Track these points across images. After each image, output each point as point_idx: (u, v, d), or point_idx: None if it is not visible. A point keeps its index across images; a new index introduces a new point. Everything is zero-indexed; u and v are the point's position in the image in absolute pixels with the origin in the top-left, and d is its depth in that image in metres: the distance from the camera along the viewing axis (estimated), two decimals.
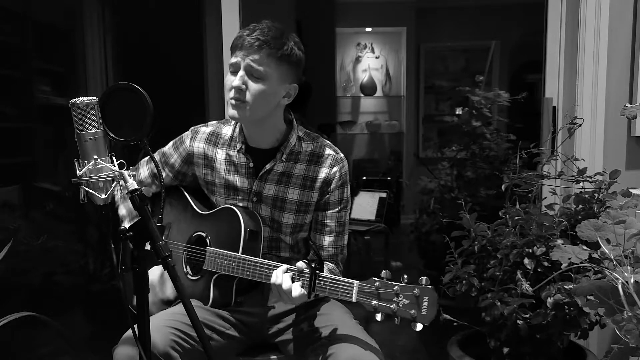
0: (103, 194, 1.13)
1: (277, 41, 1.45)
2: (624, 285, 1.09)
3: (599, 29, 2.07)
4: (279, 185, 1.58)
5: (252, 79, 1.46)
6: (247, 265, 1.47)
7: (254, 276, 1.46)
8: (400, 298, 1.30)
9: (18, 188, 3.09)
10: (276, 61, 1.45)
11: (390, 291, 1.31)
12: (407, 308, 1.29)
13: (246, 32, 1.46)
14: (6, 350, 2.57)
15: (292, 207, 1.58)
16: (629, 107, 1.58)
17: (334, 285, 1.36)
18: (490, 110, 3.19)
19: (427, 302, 1.29)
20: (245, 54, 1.45)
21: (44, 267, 2.99)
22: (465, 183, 3.31)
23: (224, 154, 1.62)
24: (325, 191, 1.59)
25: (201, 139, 1.64)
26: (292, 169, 1.58)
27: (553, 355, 1.72)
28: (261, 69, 1.45)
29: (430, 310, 1.29)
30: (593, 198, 1.72)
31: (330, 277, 1.37)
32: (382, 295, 1.31)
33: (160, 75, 3.11)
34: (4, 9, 3.06)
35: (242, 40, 1.45)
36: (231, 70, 1.49)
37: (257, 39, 1.43)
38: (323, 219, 1.61)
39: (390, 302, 1.30)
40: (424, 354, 2.94)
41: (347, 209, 1.64)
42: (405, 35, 5.66)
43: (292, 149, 1.58)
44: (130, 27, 3.56)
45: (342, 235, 1.65)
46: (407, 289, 1.30)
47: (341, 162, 1.60)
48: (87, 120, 1.13)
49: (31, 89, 3.34)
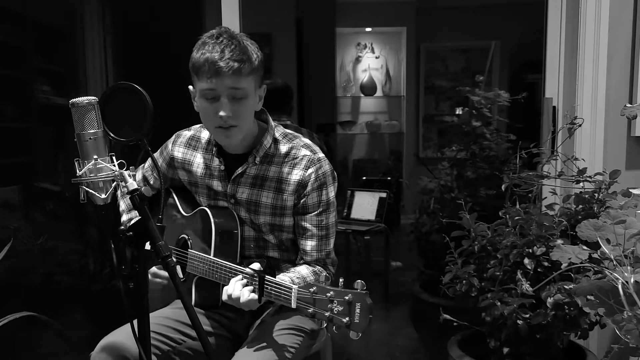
0: (103, 194, 1.13)
1: (246, 54, 1.39)
2: (624, 285, 1.09)
3: (599, 29, 2.07)
4: (253, 189, 1.54)
5: (235, 102, 1.41)
6: (216, 268, 1.45)
7: (221, 280, 1.43)
8: (335, 304, 1.19)
9: (18, 188, 3.09)
10: (252, 75, 1.42)
11: (324, 298, 1.21)
12: (341, 315, 1.18)
13: (215, 54, 1.37)
14: (6, 350, 2.57)
15: (266, 211, 1.54)
16: (629, 107, 1.58)
17: (276, 290, 1.31)
18: (490, 110, 3.18)
19: (359, 309, 1.17)
20: (223, 80, 1.38)
21: (44, 267, 2.99)
22: (465, 183, 3.31)
23: (201, 158, 1.60)
24: (302, 194, 1.53)
25: (181, 143, 1.64)
26: (267, 172, 1.54)
27: (553, 355, 1.72)
28: (244, 89, 1.41)
29: (362, 317, 1.16)
30: (593, 198, 1.72)
31: (275, 281, 1.32)
32: (317, 302, 1.22)
33: (160, 75, 3.11)
34: (4, 9, 3.06)
35: (214, 66, 1.36)
36: (207, 98, 1.42)
37: (233, 61, 1.37)
38: (303, 223, 1.55)
39: (325, 309, 1.21)
40: (424, 354, 2.94)
41: (330, 212, 1.56)
42: (405, 35, 5.66)
43: (267, 152, 1.53)
44: (130, 27, 3.56)
45: (327, 239, 1.57)
46: (341, 294, 1.19)
47: (318, 162, 1.53)
48: (87, 120, 1.13)
49: (31, 89, 3.34)
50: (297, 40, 4.73)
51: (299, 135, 1.60)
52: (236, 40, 1.40)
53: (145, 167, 1.74)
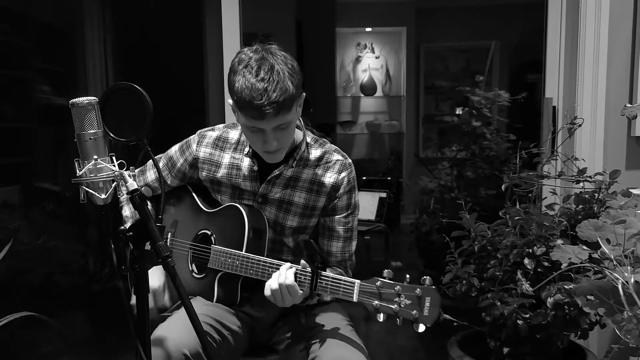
0: (103, 194, 1.13)
1: (288, 88, 1.36)
2: (624, 285, 1.09)
3: (599, 29, 2.07)
4: (286, 189, 1.58)
5: (280, 131, 1.42)
6: (250, 263, 1.47)
7: (257, 275, 1.46)
8: (402, 298, 1.28)
9: (18, 188, 3.09)
10: (294, 104, 1.41)
11: (392, 291, 1.29)
12: (409, 309, 1.28)
13: (256, 94, 1.34)
14: (6, 350, 2.57)
15: (297, 211, 1.58)
16: (629, 107, 1.58)
17: (335, 285, 1.36)
18: (490, 110, 3.19)
19: (429, 303, 1.27)
20: (268, 122, 1.38)
21: (44, 267, 2.99)
22: (465, 183, 3.32)
23: (229, 158, 1.62)
24: (334, 196, 1.58)
25: (207, 143, 1.64)
26: (300, 174, 1.58)
27: (553, 355, 1.72)
28: (289, 120, 1.41)
29: (432, 311, 1.27)
30: (593, 198, 1.72)
31: (332, 276, 1.36)
32: (384, 296, 1.30)
33: (160, 75, 3.11)
34: (4, 9, 3.06)
35: (259, 111, 1.35)
36: (252, 131, 1.43)
37: (277, 104, 1.35)
38: (331, 224, 1.60)
39: (391, 302, 1.29)
40: (424, 354, 2.94)
41: (355, 215, 1.63)
42: (405, 35, 5.67)
43: (302, 155, 1.58)
44: (130, 27, 3.56)
45: (350, 241, 1.63)
46: (409, 289, 1.29)
47: (349, 167, 1.60)
48: (87, 120, 1.13)
49: (31, 89, 3.34)
50: (297, 41, 4.74)
51: (326, 140, 1.66)
52: (275, 71, 1.36)
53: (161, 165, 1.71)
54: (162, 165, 1.71)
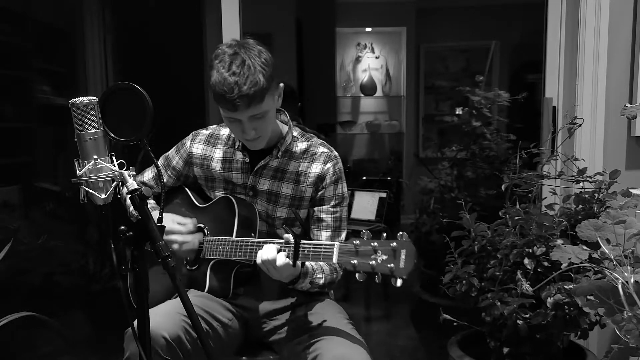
0: (103, 193, 1.13)
1: (259, 81, 1.42)
2: (624, 285, 1.09)
3: (599, 29, 2.07)
4: (274, 181, 1.63)
5: (256, 120, 1.49)
6: (239, 246, 1.50)
7: (246, 256, 1.48)
8: (379, 254, 1.28)
9: (18, 188, 3.09)
10: (268, 94, 1.47)
11: (369, 247, 1.29)
12: (386, 263, 1.27)
13: (229, 87, 1.41)
14: (6, 350, 2.57)
15: (285, 202, 1.63)
16: (629, 107, 1.58)
17: (316, 250, 1.36)
18: (490, 110, 3.19)
19: (405, 255, 1.27)
20: (242, 112, 1.45)
21: (44, 267, 3.00)
22: (465, 183, 3.31)
23: (221, 152, 1.68)
24: (320, 187, 1.63)
25: (200, 140, 1.72)
26: (287, 166, 1.64)
27: (553, 355, 1.72)
28: (263, 110, 1.48)
29: (407, 262, 1.26)
30: (593, 198, 1.72)
31: (313, 242, 1.37)
32: (361, 253, 1.29)
33: (160, 75, 3.11)
34: (4, 9, 3.07)
35: (231, 102, 1.42)
36: (230, 121, 1.52)
37: (248, 96, 1.41)
38: (320, 215, 1.64)
39: (369, 258, 1.28)
40: (424, 354, 2.94)
41: (344, 205, 1.67)
42: (405, 35, 5.66)
43: (288, 147, 1.64)
44: (130, 27, 3.56)
45: (340, 231, 1.66)
46: (385, 244, 1.28)
47: (335, 159, 1.65)
48: (87, 120, 1.13)
49: (31, 89, 3.34)
50: (297, 40, 4.73)
51: (313, 134, 1.73)
52: (247, 65, 1.43)
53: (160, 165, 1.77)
54: (160, 164, 1.75)
